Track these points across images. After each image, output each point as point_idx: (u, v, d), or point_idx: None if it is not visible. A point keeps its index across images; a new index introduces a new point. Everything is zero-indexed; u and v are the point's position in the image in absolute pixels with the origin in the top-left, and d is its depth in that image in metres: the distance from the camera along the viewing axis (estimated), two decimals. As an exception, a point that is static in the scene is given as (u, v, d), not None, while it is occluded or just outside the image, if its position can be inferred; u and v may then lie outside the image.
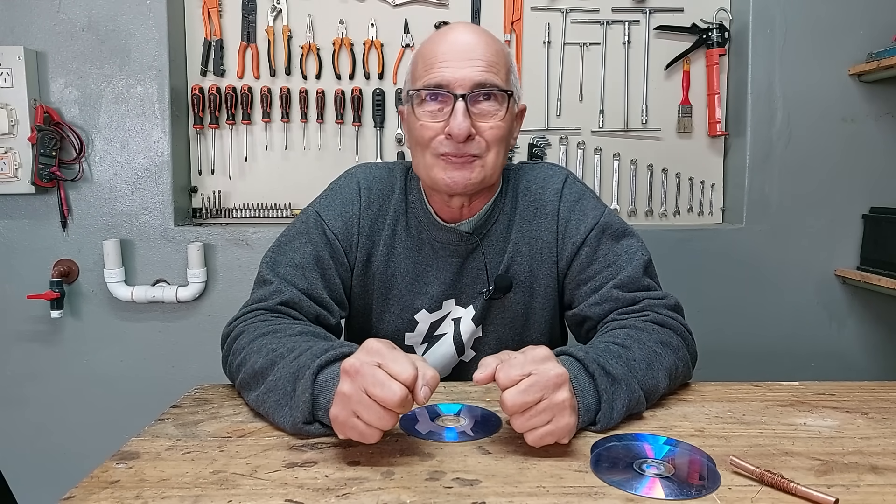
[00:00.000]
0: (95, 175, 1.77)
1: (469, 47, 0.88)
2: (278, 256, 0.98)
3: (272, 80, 1.85)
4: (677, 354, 0.86)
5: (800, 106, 1.82)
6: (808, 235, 1.85)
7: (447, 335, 1.03)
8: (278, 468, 0.64)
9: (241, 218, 1.88)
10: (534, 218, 0.99)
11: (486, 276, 0.99)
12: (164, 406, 0.82)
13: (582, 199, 1.00)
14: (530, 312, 1.02)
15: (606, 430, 0.73)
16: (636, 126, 1.90)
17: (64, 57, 1.73)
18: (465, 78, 0.87)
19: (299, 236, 0.99)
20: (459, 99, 0.86)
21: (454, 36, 0.90)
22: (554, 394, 0.66)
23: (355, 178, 1.03)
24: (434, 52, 0.90)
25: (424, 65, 0.90)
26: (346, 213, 0.99)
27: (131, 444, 0.70)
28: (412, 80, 0.94)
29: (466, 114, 0.86)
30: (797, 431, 0.74)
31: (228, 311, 1.78)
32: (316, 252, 0.97)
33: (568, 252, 0.98)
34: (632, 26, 1.88)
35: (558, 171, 1.03)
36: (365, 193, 1.00)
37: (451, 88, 0.87)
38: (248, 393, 0.80)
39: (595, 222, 0.97)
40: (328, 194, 1.03)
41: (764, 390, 0.88)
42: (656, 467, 0.63)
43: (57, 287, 1.71)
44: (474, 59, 0.88)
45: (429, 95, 0.89)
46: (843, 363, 1.88)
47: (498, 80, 0.89)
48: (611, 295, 0.94)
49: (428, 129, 0.89)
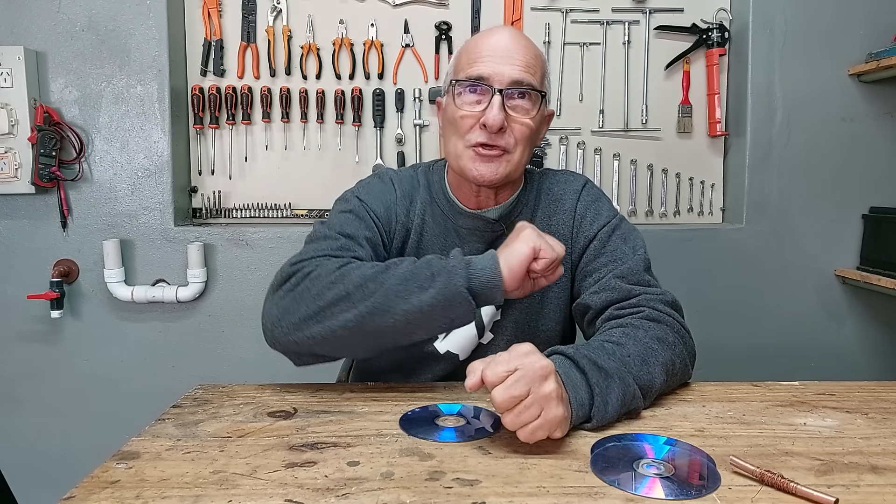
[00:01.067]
0: (95, 175, 1.77)
1: (510, 48, 0.95)
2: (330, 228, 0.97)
3: (272, 80, 1.85)
4: (674, 350, 0.87)
5: (800, 106, 1.82)
6: (808, 235, 1.85)
7: None
8: (278, 468, 0.64)
9: (241, 218, 1.88)
10: (553, 214, 1.06)
11: None
12: (164, 406, 0.82)
13: (598, 201, 1.07)
14: (546, 299, 1.06)
15: (602, 425, 0.74)
16: (636, 126, 1.90)
17: (64, 57, 1.73)
18: (503, 74, 0.94)
19: (345, 214, 1.00)
20: (497, 93, 0.93)
21: (498, 37, 0.97)
22: (540, 386, 0.67)
23: (386, 174, 1.09)
24: (478, 48, 0.97)
25: (468, 59, 0.97)
26: (385, 200, 1.04)
27: (131, 444, 0.70)
28: (455, 71, 1.00)
29: (502, 107, 0.93)
30: (797, 431, 0.74)
31: (228, 311, 1.80)
32: (368, 229, 0.99)
33: (580, 245, 1.04)
34: (632, 26, 1.88)
35: (579, 177, 1.11)
36: (398, 185, 1.06)
37: (490, 82, 0.94)
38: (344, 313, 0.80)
39: (608, 221, 1.04)
40: (364, 185, 1.07)
41: (764, 390, 0.88)
42: (656, 467, 0.63)
43: (57, 287, 1.71)
44: (514, 59, 0.95)
45: (469, 87, 0.96)
46: (842, 363, 1.87)
47: (534, 80, 0.95)
48: (609, 284, 0.97)
49: (466, 117, 0.95)
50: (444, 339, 1.06)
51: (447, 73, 1.04)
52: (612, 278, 0.98)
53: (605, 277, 0.98)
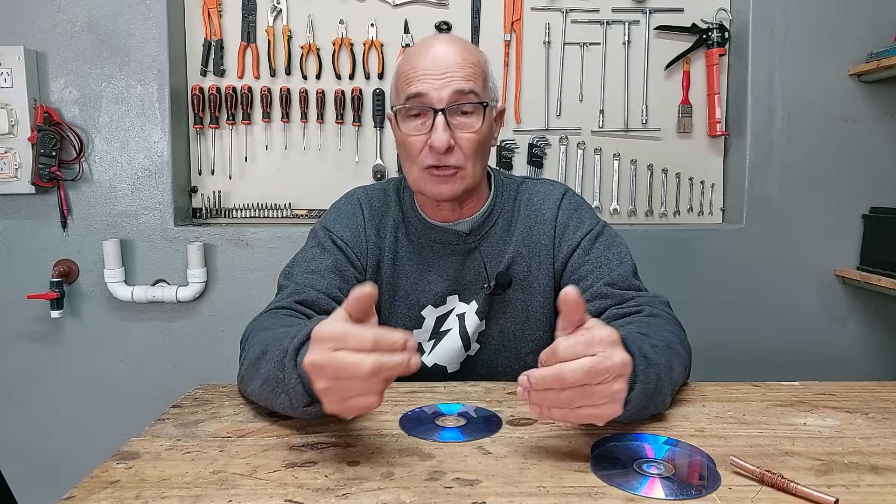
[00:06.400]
0: (95, 175, 1.77)
1: (445, 61, 0.92)
2: (293, 268, 1.01)
3: (272, 80, 1.85)
4: (683, 346, 0.86)
5: (800, 106, 1.82)
6: (808, 235, 1.85)
7: (453, 330, 1.06)
8: (278, 468, 0.64)
9: (240, 218, 1.88)
10: (534, 224, 1.06)
11: (485, 273, 1.04)
12: (164, 406, 0.82)
13: (580, 210, 1.06)
14: (530, 309, 1.06)
15: (632, 416, 0.70)
16: (636, 126, 1.90)
17: (64, 57, 1.73)
18: (442, 91, 0.91)
19: (311, 249, 1.03)
20: (439, 113, 0.91)
21: (430, 50, 0.94)
22: (613, 382, 0.62)
23: (354, 195, 1.10)
24: (413, 66, 0.94)
25: (405, 80, 0.94)
26: (352, 225, 1.05)
27: (131, 444, 0.70)
28: (395, 96, 0.98)
29: (446, 126, 0.92)
30: (797, 431, 0.74)
31: (228, 311, 1.80)
32: (333, 258, 1.01)
33: (563, 254, 1.04)
34: (632, 26, 1.87)
35: (558, 186, 1.10)
36: (366, 207, 1.07)
37: (430, 102, 0.92)
38: (249, 385, 0.80)
39: (591, 229, 1.04)
40: (331, 212, 1.09)
41: (764, 390, 0.88)
42: (656, 467, 0.63)
43: (57, 287, 1.71)
44: (451, 73, 0.92)
45: (410, 112, 0.94)
46: (843, 363, 1.87)
47: (476, 87, 0.93)
48: (601, 292, 0.97)
49: (413, 142, 0.94)
50: (431, 352, 1.06)
51: (389, 97, 1.02)
52: (602, 286, 0.97)
53: (595, 286, 0.98)
